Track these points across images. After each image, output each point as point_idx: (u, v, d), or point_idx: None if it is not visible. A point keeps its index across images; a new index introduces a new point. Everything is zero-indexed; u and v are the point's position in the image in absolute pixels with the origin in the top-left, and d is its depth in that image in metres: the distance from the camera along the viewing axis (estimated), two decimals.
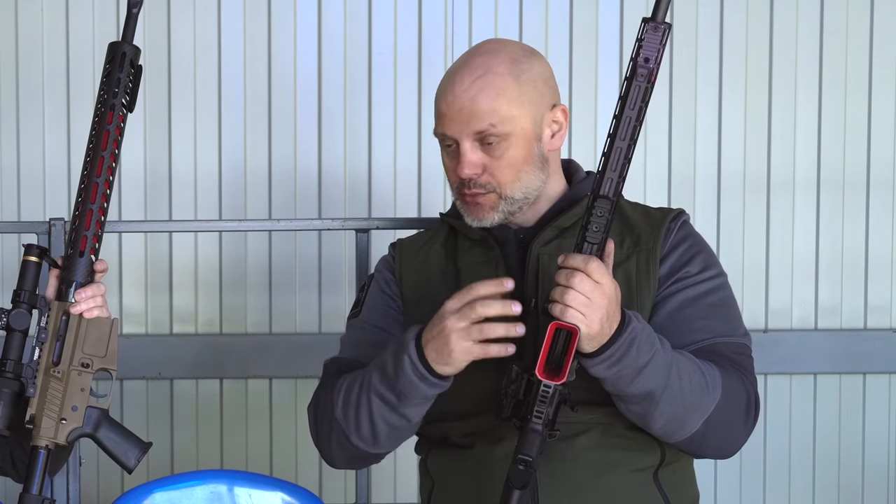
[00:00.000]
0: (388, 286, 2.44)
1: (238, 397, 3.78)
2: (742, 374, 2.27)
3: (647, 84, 2.07)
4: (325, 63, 3.75)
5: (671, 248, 2.33)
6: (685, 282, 2.31)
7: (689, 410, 2.19)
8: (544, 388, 2.09)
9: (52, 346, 2.34)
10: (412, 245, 2.48)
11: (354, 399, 2.25)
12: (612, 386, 2.15)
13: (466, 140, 2.29)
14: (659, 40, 2.07)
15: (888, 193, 3.84)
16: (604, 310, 2.06)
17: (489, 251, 2.36)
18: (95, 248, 2.34)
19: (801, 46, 3.81)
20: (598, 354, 2.10)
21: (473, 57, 2.32)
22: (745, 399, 2.26)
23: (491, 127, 2.27)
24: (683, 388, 2.17)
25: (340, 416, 2.28)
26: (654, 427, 2.21)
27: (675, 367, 2.17)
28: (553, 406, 2.11)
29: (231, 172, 3.76)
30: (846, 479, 3.87)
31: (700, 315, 2.29)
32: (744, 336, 2.34)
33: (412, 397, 2.19)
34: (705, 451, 2.28)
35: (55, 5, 3.70)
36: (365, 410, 2.24)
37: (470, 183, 2.31)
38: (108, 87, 2.36)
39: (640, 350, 2.11)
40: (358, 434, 2.27)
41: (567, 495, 2.27)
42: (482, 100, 2.27)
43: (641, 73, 2.06)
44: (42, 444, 2.33)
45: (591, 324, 2.06)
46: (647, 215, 2.38)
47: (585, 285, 2.05)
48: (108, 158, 2.34)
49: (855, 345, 3.82)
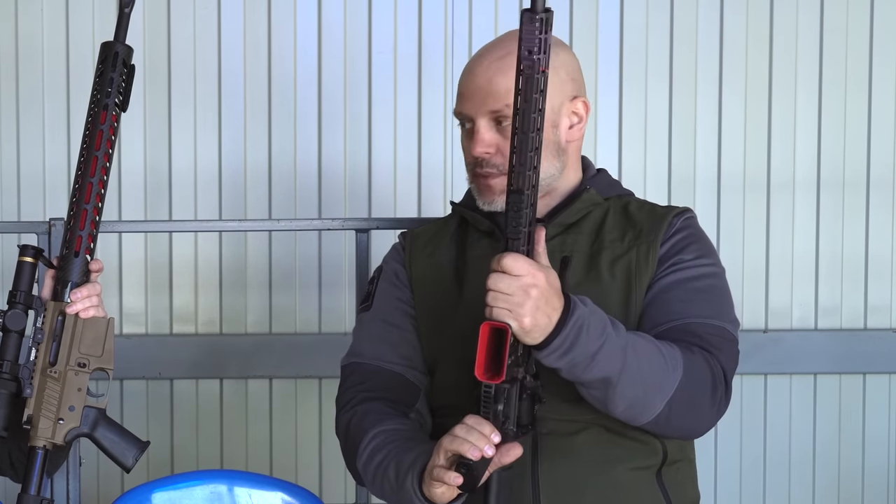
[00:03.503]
0: (397, 277, 2.44)
1: (238, 397, 3.78)
2: (707, 353, 2.24)
3: (537, 75, 2.04)
4: (325, 63, 3.75)
5: (669, 237, 2.33)
6: (676, 266, 2.30)
7: (649, 392, 2.16)
8: (485, 388, 2.09)
9: (48, 346, 2.34)
10: (423, 235, 2.48)
11: (372, 473, 2.28)
12: (568, 374, 2.12)
13: (482, 119, 2.31)
14: (537, 30, 2.03)
15: (888, 193, 3.83)
16: (530, 302, 2.03)
17: (496, 243, 2.35)
18: (91, 247, 2.34)
19: (801, 46, 3.81)
20: (546, 346, 2.07)
21: (501, 40, 2.35)
22: (710, 378, 2.22)
23: (506, 107, 2.26)
24: (642, 369, 2.14)
25: (362, 471, 2.31)
26: (616, 411, 2.18)
27: (632, 348, 2.14)
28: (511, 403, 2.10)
29: (231, 172, 3.76)
30: (846, 480, 3.87)
31: (681, 298, 2.28)
32: (728, 323, 2.31)
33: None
34: (672, 431, 2.25)
35: (55, 5, 3.70)
36: (379, 488, 2.29)
37: (483, 163, 2.32)
38: (101, 87, 2.37)
39: (589, 336, 2.09)
40: (379, 494, 2.32)
41: (568, 491, 2.27)
42: (499, 80, 2.28)
43: (527, 65, 2.04)
44: (40, 445, 2.33)
45: (519, 318, 2.03)
46: (652, 212, 2.38)
47: (500, 283, 2.04)
48: (101, 158, 2.34)
49: (855, 345, 3.82)
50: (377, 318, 2.43)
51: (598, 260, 2.32)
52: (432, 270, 2.41)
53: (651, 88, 3.80)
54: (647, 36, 3.80)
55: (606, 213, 2.37)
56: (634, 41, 3.78)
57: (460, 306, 2.34)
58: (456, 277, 2.38)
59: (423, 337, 2.39)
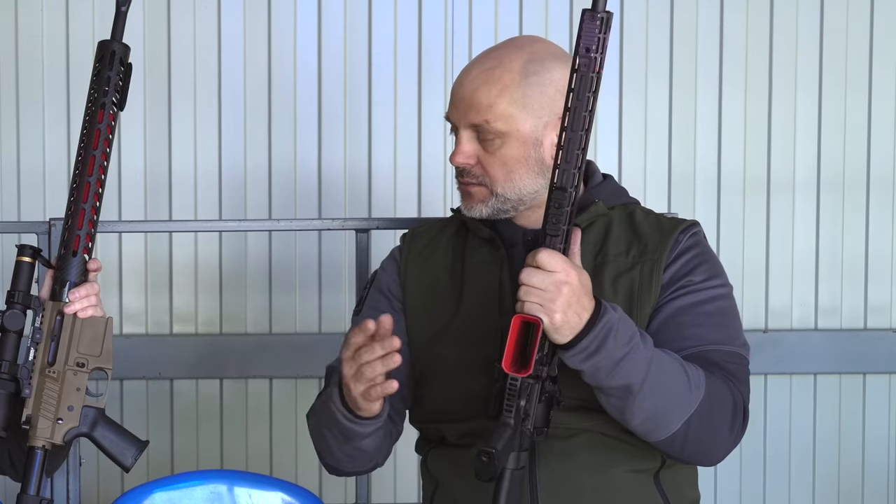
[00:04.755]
0: (389, 289, 2.43)
1: (238, 397, 3.78)
2: (730, 381, 2.24)
3: (592, 74, 2.05)
4: (325, 63, 3.75)
5: (676, 258, 2.31)
6: (686, 289, 2.29)
7: (669, 408, 2.16)
8: (511, 381, 2.10)
9: (46, 346, 2.34)
10: (423, 236, 2.46)
11: (315, 430, 2.35)
12: (591, 378, 2.12)
13: (464, 129, 2.30)
14: (598, 29, 2.04)
15: (888, 193, 3.83)
16: (562, 298, 2.04)
17: (495, 251, 2.35)
18: (89, 247, 2.33)
19: (801, 46, 3.81)
20: (573, 346, 2.08)
21: (497, 48, 2.33)
22: (732, 405, 2.22)
23: (486, 123, 2.26)
24: (664, 383, 2.14)
25: (314, 442, 2.37)
26: (633, 423, 2.18)
27: (657, 362, 2.14)
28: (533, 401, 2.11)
29: (231, 172, 3.76)
30: (846, 480, 3.87)
31: (694, 323, 2.27)
32: (741, 346, 2.30)
33: (353, 436, 2.27)
34: (686, 454, 2.23)
35: (55, 5, 3.70)
36: (324, 443, 2.33)
37: (464, 172, 2.32)
38: (98, 86, 2.36)
39: (617, 341, 2.09)
40: (330, 458, 2.37)
41: (566, 494, 2.26)
42: (482, 93, 2.27)
43: (584, 63, 2.05)
44: (39, 445, 2.32)
45: (551, 314, 2.04)
46: (658, 225, 2.35)
47: (534, 278, 2.05)
48: (99, 157, 2.34)
49: (855, 345, 3.82)
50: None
51: (602, 274, 2.30)
52: (427, 278, 2.41)
53: (651, 88, 3.80)
54: (647, 36, 3.80)
55: (611, 223, 2.35)
56: (634, 41, 3.78)
57: (459, 312, 2.34)
58: (453, 284, 2.37)
59: (415, 345, 2.38)
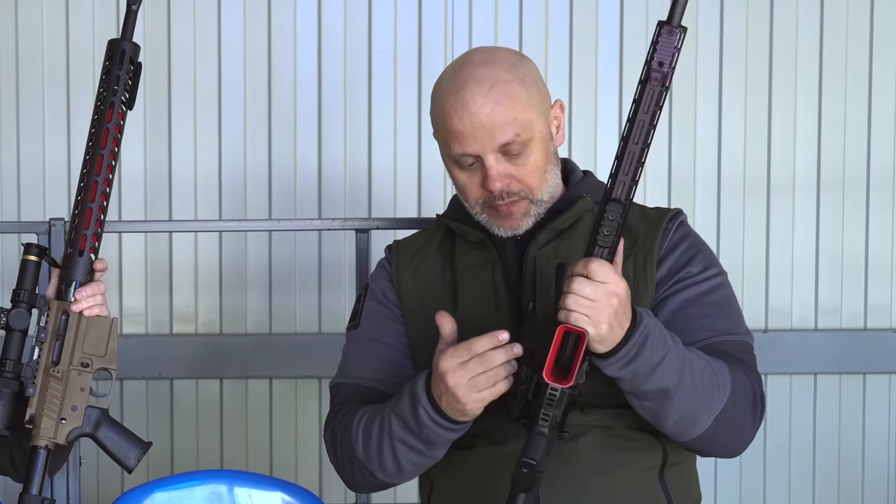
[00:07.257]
0: (385, 296, 2.42)
1: (238, 397, 3.78)
2: (747, 371, 2.27)
3: (660, 88, 2.06)
4: (325, 63, 3.75)
5: (669, 250, 2.32)
6: (686, 282, 2.30)
7: (700, 407, 2.19)
8: (551, 391, 2.09)
9: (51, 345, 2.34)
10: (409, 247, 2.46)
11: (376, 442, 2.27)
12: (629, 384, 2.14)
13: (490, 154, 2.26)
14: (674, 44, 2.06)
15: (888, 193, 3.83)
16: (610, 309, 2.05)
17: (487, 253, 2.35)
18: (95, 246, 2.33)
19: (801, 46, 3.81)
20: (612, 354, 2.09)
21: (474, 70, 2.28)
22: (752, 395, 2.26)
23: (516, 136, 2.25)
24: (696, 384, 2.17)
25: (363, 455, 2.29)
26: (666, 424, 2.20)
27: (689, 362, 2.16)
28: (561, 409, 2.11)
29: (231, 173, 3.76)
30: (846, 479, 3.87)
31: (702, 314, 2.29)
32: (746, 334, 2.34)
33: (439, 443, 2.23)
34: (715, 448, 2.27)
35: (55, 5, 3.70)
36: (389, 453, 2.26)
37: (503, 194, 2.28)
38: (107, 85, 2.35)
39: (653, 347, 2.11)
40: (383, 472, 2.30)
41: (570, 495, 2.27)
42: (500, 112, 2.24)
43: (655, 76, 2.05)
44: (42, 444, 2.33)
45: (598, 325, 2.05)
46: (644, 216, 2.37)
47: (586, 288, 2.05)
48: (107, 157, 2.33)
49: (855, 345, 3.82)
50: (365, 336, 2.41)
51: None
52: (421, 284, 2.40)
53: None
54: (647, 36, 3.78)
55: None
56: (634, 41, 3.78)
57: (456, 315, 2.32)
58: (447, 289, 2.37)
59: (416, 351, 2.37)
